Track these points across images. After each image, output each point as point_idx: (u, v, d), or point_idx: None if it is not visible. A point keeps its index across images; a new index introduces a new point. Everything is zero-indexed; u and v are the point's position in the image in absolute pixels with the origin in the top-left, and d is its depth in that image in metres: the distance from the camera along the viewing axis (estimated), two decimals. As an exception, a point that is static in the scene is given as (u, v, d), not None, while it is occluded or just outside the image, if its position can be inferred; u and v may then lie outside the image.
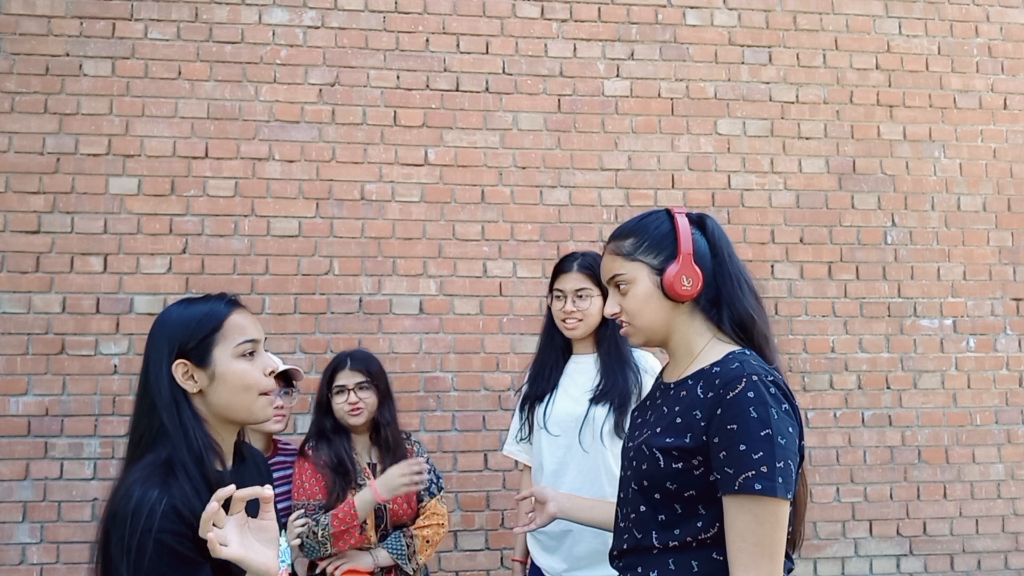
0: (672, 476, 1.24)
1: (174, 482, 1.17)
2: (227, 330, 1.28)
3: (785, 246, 3.37)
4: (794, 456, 1.19)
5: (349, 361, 2.24)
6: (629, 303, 1.34)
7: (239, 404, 1.27)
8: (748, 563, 1.15)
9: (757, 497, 1.14)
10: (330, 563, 2.14)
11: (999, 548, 3.37)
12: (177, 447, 1.20)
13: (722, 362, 1.26)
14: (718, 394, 1.21)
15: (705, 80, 3.40)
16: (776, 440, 1.16)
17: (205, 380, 1.26)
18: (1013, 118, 3.55)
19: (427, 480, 2.18)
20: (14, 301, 2.97)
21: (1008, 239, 3.50)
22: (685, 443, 1.23)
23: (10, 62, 3.05)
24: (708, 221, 1.36)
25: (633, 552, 1.32)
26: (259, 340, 1.32)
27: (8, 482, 2.91)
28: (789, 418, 1.20)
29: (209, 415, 1.27)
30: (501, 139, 3.26)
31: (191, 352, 1.26)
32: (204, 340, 1.26)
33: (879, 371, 3.38)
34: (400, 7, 3.26)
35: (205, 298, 1.34)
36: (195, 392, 1.26)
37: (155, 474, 1.18)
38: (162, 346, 1.27)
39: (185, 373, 1.26)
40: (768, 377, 1.21)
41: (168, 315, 1.31)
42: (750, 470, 1.14)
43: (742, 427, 1.16)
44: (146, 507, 1.13)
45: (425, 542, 2.22)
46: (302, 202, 3.14)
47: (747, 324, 1.31)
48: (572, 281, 2.13)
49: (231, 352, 1.27)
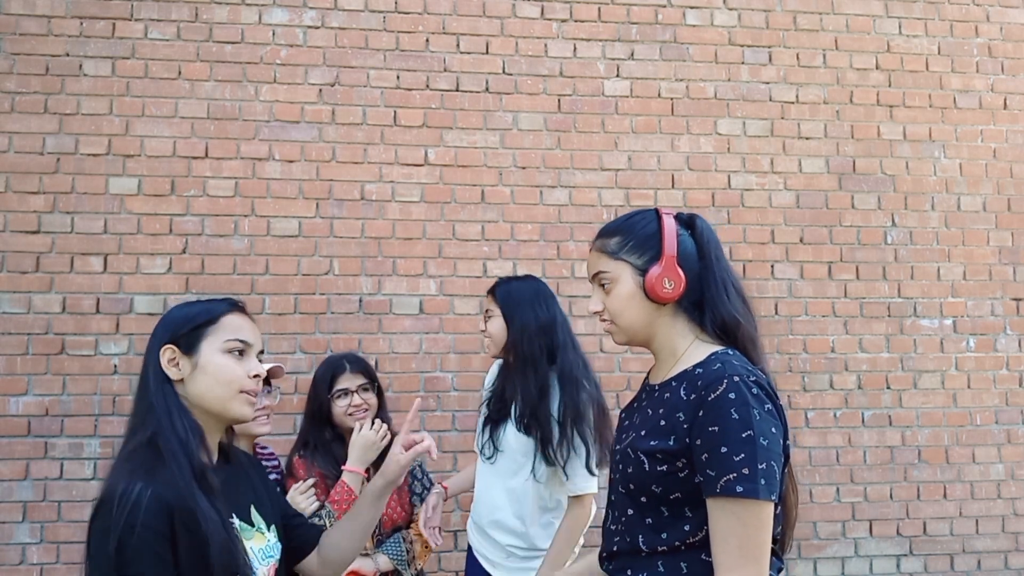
0: (657, 479, 1.23)
1: (159, 468, 1.18)
2: (221, 325, 1.30)
3: (785, 246, 3.37)
4: (778, 457, 1.18)
5: (347, 364, 2.22)
6: (612, 302, 1.33)
7: (214, 397, 1.27)
8: (732, 565, 1.14)
9: (739, 499, 1.14)
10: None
11: (999, 548, 3.37)
12: (162, 427, 1.21)
13: (704, 363, 1.25)
14: (700, 395, 1.20)
15: (705, 80, 3.40)
16: (758, 441, 1.15)
17: (188, 368, 1.27)
18: (1013, 118, 3.55)
19: (388, 433, 2.07)
20: (14, 301, 2.97)
21: (1008, 239, 3.50)
22: (669, 446, 1.22)
23: (10, 62, 3.05)
24: (698, 222, 1.35)
25: (622, 555, 1.31)
26: (252, 345, 1.32)
27: (8, 482, 2.91)
28: (772, 418, 1.19)
29: (191, 406, 1.28)
30: (501, 139, 3.26)
31: (180, 339, 1.28)
32: (196, 330, 1.28)
33: (879, 371, 3.38)
34: (400, 7, 3.26)
35: (210, 299, 1.36)
36: (177, 379, 1.27)
37: (139, 463, 1.18)
38: (161, 336, 1.29)
39: (171, 360, 1.27)
40: (750, 377, 1.20)
41: (172, 310, 1.35)
42: (731, 472, 1.14)
43: (723, 429, 1.16)
44: (130, 500, 1.13)
45: (424, 547, 2.22)
46: (302, 202, 3.14)
47: (730, 327, 1.30)
48: (485, 303, 2.26)
49: (219, 346, 1.28)
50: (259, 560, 1.32)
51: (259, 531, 1.36)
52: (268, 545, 1.37)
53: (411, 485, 2.30)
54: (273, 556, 1.37)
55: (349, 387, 2.19)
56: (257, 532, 1.35)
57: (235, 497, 1.33)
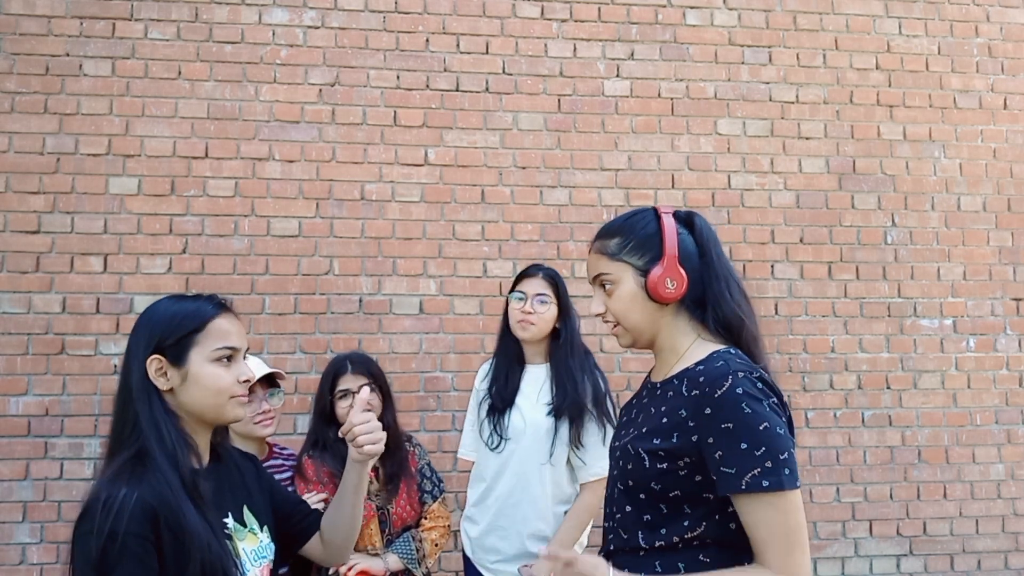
0: (656, 477, 1.23)
1: (145, 475, 1.17)
2: (208, 333, 1.28)
3: (785, 246, 3.37)
4: (793, 445, 1.19)
5: (350, 365, 2.22)
6: (614, 304, 1.33)
7: (208, 406, 1.28)
8: (780, 555, 1.14)
9: (767, 494, 1.14)
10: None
11: (999, 548, 3.37)
12: (150, 442, 1.20)
13: (706, 361, 1.25)
14: (704, 392, 1.20)
15: (705, 80, 3.40)
16: (775, 431, 1.15)
17: (177, 379, 1.26)
18: (1013, 118, 3.55)
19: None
20: (14, 301, 2.97)
21: (1008, 239, 3.50)
22: (672, 444, 1.22)
23: (10, 62, 3.05)
24: (697, 220, 1.35)
25: (620, 553, 1.31)
26: (239, 349, 1.31)
27: (8, 482, 2.91)
28: (779, 411, 1.20)
29: (181, 412, 1.27)
30: (501, 139, 3.26)
31: (168, 349, 1.26)
32: (183, 339, 1.26)
33: (879, 371, 3.38)
34: (400, 7, 3.26)
35: (195, 297, 1.33)
36: (166, 390, 1.26)
37: (124, 470, 1.18)
38: (142, 338, 1.27)
39: (159, 370, 1.26)
40: (753, 374, 1.21)
41: (155, 309, 1.31)
42: (755, 468, 1.14)
43: (739, 425, 1.15)
44: (114, 506, 1.12)
45: (433, 545, 2.23)
46: (302, 202, 3.14)
47: (733, 324, 1.30)
48: (536, 286, 2.22)
49: (207, 355, 1.27)
50: (251, 561, 1.32)
51: (251, 531, 1.36)
52: (261, 546, 1.36)
53: (420, 484, 2.30)
54: (266, 557, 1.37)
55: (351, 387, 2.19)
56: (250, 533, 1.35)
57: (228, 498, 1.33)
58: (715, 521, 1.21)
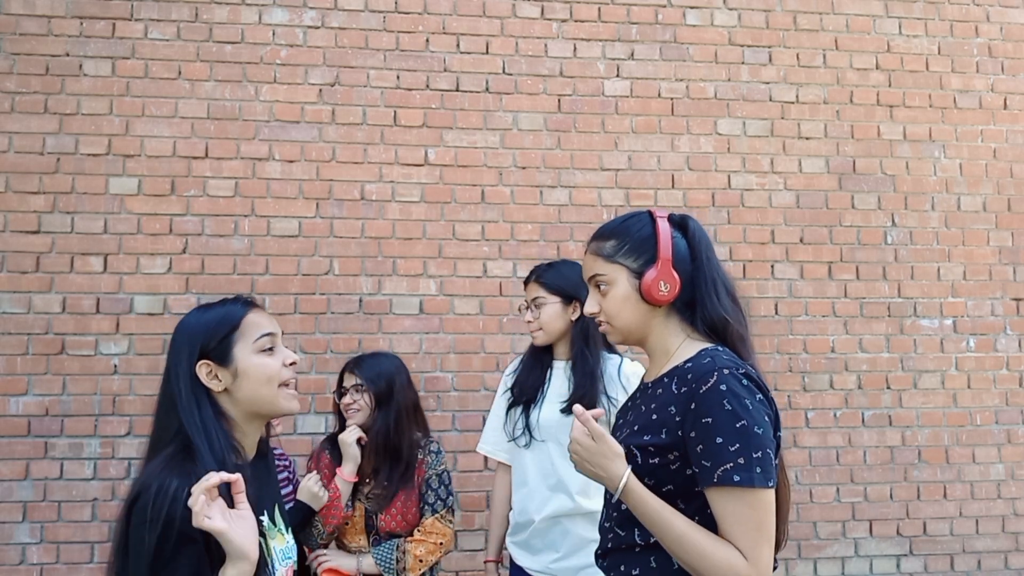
0: (650, 472, 1.26)
1: (194, 470, 1.19)
2: (245, 328, 1.32)
3: (785, 246, 3.37)
4: (772, 444, 1.21)
5: (352, 364, 2.27)
6: (608, 304, 1.36)
7: (263, 397, 1.31)
8: (751, 546, 1.17)
9: (736, 488, 1.17)
10: (315, 557, 2.15)
11: (999, 548, 3.37)
12: (197, 439, 1.24)
13: (694, 358, 1.29)
14: (691, 388, 1.23)
15: (705, 80, 3.40)
16: (751, 430, 1.18)
17: (229, 378, 1.30)
18: (1013, 118, 3.55)
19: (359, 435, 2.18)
20: (14, 301, 2.97)
21: (1008, 239, 3.50)
22: (661, 439, 1.25)
23: (10, 62, 3.05)
24: (690, 223, 1.39)
25: (617, 551, 1.34)
26: (276, 334, 1.36)
27: (8, 482, 2.91)
28: (764, 407, 1.23)
29: (236, 412, 1.31)
30: (501, 139, 3.26)
31: (212, 352, 1.30)
32: (224, 339, 1.30)
33: (879, 371, 3.38)
34: (400, 7, 3.26)
35: (222, 302, 1.38)
36: (220, 391, 1.30)
37: (174, 463, 1.20)
38: (182, 350, 1.31)
39: (209, 373, 1.29)
40: (739, 370, 1.24)
41: (187, 321, 1.35)
42: (728, 463, 1.17)
43: (716, 420, 1.19)
44: (168, 494, 1.15)
45: (417, 560, 2.13)
46: (302, 202, 3.14)
47: (719, 326, 1.33)
48: (529, 291, 2.25)
49: (251, 348, 1.31)
50: (279, 561, 1.33)
51: (280, 531, 1.37)
52: (287, 546, 1.38)
53: (424, 494, 2.22)
54: (291, 558, 1.39)
55: (346, 385, 2.24)
56: (279, 532, 1.37)
57: (265, 495, 1.35)
58: (708, 515, 1.23)
